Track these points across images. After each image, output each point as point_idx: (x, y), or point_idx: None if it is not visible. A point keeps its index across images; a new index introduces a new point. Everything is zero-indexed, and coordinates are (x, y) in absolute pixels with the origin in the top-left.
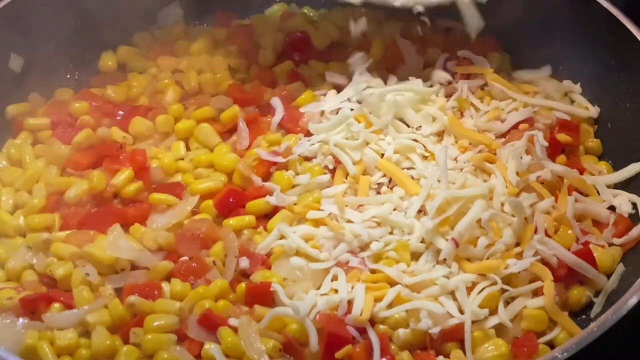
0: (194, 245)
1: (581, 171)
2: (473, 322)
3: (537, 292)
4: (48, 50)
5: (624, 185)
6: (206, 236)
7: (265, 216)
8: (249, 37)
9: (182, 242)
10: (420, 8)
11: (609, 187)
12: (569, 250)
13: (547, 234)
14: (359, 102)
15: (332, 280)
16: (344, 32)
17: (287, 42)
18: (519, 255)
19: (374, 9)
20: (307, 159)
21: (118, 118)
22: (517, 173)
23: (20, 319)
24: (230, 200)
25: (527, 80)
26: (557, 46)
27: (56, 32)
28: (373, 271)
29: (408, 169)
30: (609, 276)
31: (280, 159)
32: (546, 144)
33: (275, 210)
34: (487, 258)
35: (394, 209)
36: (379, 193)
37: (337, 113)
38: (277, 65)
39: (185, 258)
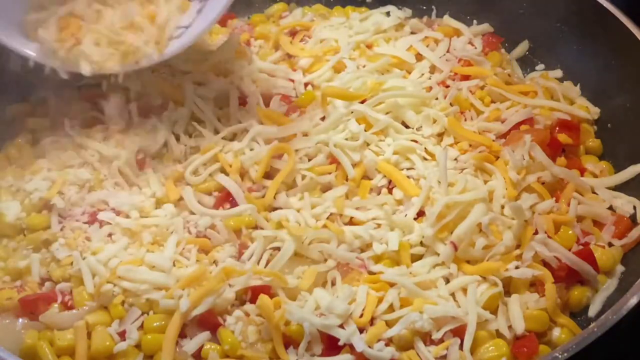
0: None
1: (582, 171)
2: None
3: (537, 292)
4: None
5: (624, 187)
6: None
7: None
8: None
9: None
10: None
11: (609, 188)
12: (569, 250)
13: (547, 235)
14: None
15: (332, 285)
16: None
17: None
18: (519, 257)
19: None
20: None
21: None
22: (518, 172)
23: (20, 319)
24: (231, 199)
25: (527, 81)
26: (557, 46)
27: None
28: (373, 272)
29: (408, 169)
30: (609, 276)
31: None
32: (542, 153)
33: None
34: (487, 260)
35: (394, 212)
36: (379, 194)
37: None
38: None
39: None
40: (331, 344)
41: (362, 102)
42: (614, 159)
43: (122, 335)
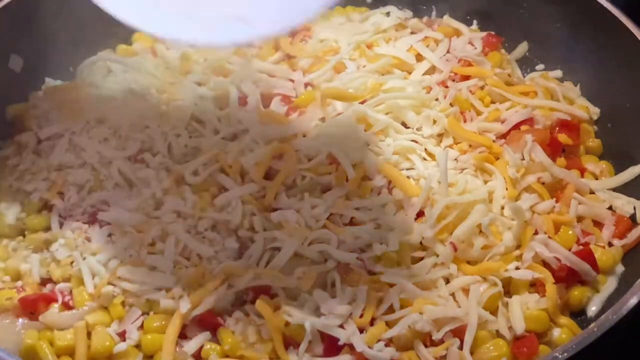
0: None
1: (582, 171)
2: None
3: (537, 292)
4: (48, 50)
5: (624, 187)
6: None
7: None
8: None
9: None
10: None
11: (608, 190)
12: (569, 250)
13: (547, 235)
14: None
15: (331, 286)
16: None
17: None
18: (519, 258)
19: None
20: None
21: None
22: (517, 171)
23: (20, 320)
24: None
25: (527, 81)
26: (557, 46)
27: (56, 32)
28: (373, 272)
29: (408, 169)
30: (609, 276)
31: None
32: (543, 153)
33: None
34: (487, 260)
35: (394, 213)
36: (379, 194)
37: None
38: None
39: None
40: (331, 344)
41: (362, 103)
42: (614, 159)
43: (122, 335)
